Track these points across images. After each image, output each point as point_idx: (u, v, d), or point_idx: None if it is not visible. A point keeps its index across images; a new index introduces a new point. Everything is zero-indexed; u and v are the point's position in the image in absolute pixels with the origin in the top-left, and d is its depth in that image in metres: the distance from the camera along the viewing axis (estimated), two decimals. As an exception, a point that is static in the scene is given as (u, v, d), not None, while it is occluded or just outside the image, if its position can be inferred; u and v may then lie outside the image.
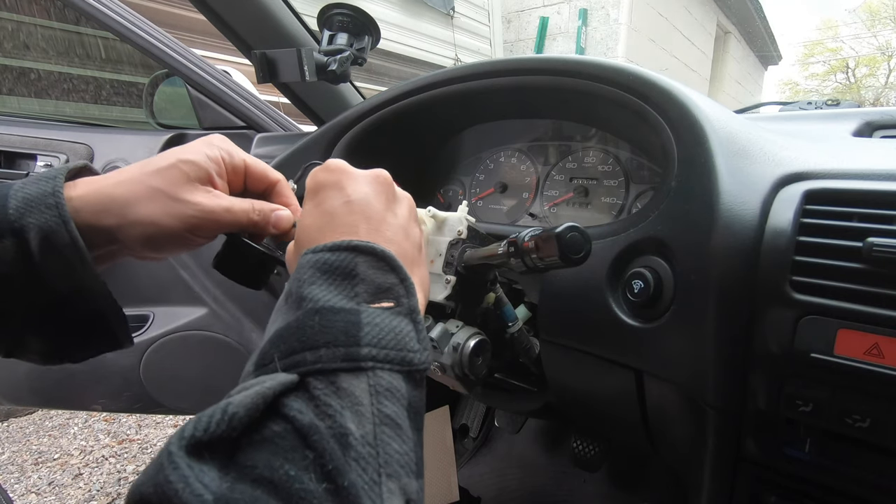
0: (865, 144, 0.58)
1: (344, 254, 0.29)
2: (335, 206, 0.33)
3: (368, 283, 0.29)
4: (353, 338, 0.26)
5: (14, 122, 1.10)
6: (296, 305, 0.28)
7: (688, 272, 0.46)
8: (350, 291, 0.28)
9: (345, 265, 0.29)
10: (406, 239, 0.35)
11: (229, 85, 1.06)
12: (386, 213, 0.34)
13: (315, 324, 0.26)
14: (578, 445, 0.91)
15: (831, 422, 0.39)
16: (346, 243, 0.30)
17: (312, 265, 0.29)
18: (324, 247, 0.30)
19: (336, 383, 0.24)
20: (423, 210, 0.50)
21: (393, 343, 0.27)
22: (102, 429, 2.02)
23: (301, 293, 0.28)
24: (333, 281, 0.28)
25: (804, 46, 16.49)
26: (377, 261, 0.30)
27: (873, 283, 0.37)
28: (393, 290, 0.29)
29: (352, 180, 0.34)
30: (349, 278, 0.28)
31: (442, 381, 0.51)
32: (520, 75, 0.68)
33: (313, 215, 0.34)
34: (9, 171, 1.05)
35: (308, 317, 0.27)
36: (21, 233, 0.31)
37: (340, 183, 0.34)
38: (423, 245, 0.39)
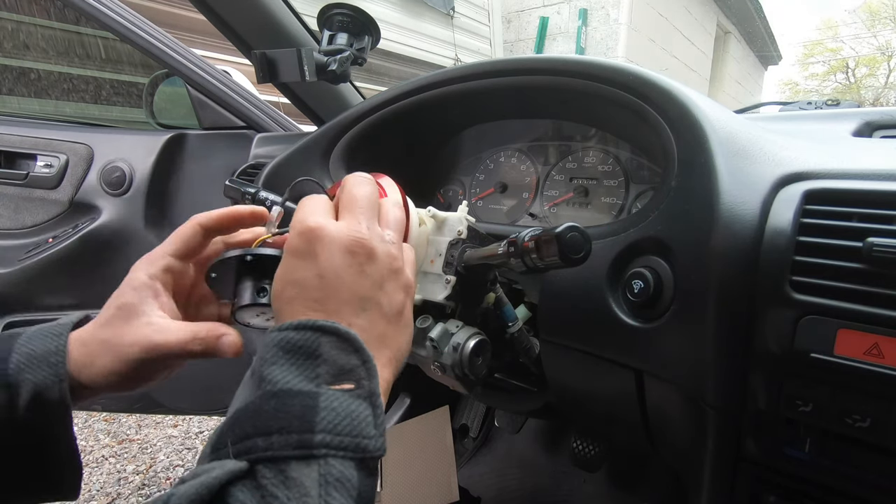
0: (865, 144, 0.58)
1: (308, 333, 0.29)
2: (306, 277, 0.32)
3: (331, 363, 0.28)
4: (308, 423, 0.26)
5: (14, 122, 1.10)
6: (256, 386, 0.28)
7: (688, 272, 0.46)
8: (311, 372, 0.28)
9: (308, 345, 0.29)
10: (378, 311, 0.34)
11: (229, 85, 1.06)
12: (358, 287, 0.33)
13: (270, 408, 0.26)
14: (578, 445, 0.91)
15: (831, 422, 0.39)
16: (311, 323, 0.29)
17: (276, 344, 0.29)
18: (289, 325, 0.30)
19: (285, 472, 0.24)
20: (423, 210, 0.50)
21: (348, 429, 0.26)
22: (102, 429, 2.02)
23: (262, 373, 0.28)
24: (295, 361, 0.28)
25: (804, 46, 16.50)
26: (341, 342, 0.29)
27: (873, 283, 0.37)
28: (354, 372, 0.29)
29: (325, 249, 0.33)
30: (311, 358, 0.28)
31: (442, 381, 0.51)
32: (520, 75, 0.68)
33: (283, 282, 0.33)
34: (9, 171, 1.05)
35: (265, 400, 0.27)
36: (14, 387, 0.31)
37: (314, 252, 0.33)
38: (405, 304, 0.36)
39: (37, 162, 1.05)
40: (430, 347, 0.47)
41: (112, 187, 1.04)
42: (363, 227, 0.34)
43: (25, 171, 1.05)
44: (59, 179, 1.05)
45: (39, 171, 1.05)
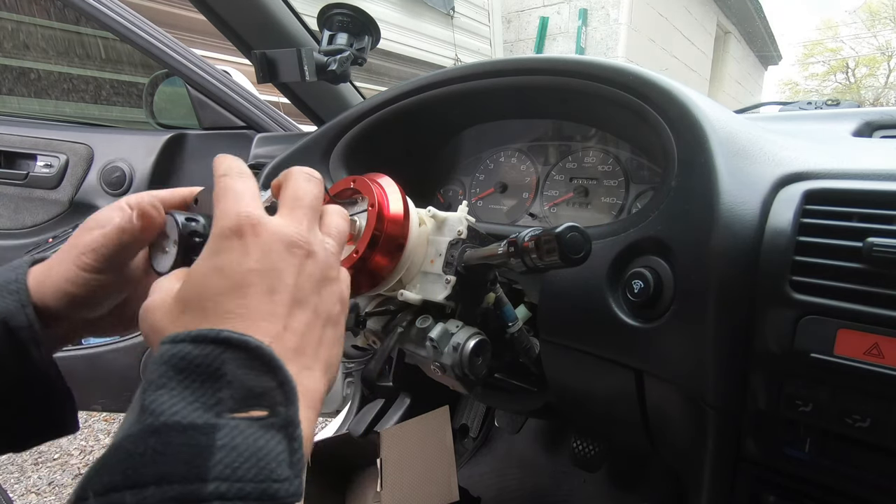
0: (865, 144, 0.58)
1: (209, 348, 0.23)
2: (239, 269, 0.27)
3: (236, 386, 0.23)
4: (198, 469, 0.20)
5: (14, 122, 1.10)
6: (136, 416, 0.22)
7: (688, 272, 0.46)
8: (210, 398, 0.22)
9: (208, 363, 0.23)
10: (314, 314, 0.29)
11: (229, 85, 1.06)
12: (296, 285, 0.28)
13: (149, 448, 0.20)
14: (578, 445, 0.91)
15: (831, 422, 0.39)
16: (214, 334, 0.23)
17: (167, 361, 0.23)
18: (186, 336, 0.23)
19: None
20: (423, 210, 0.50)
21: (253, 473, 0.21)
22: (102, 429, 2.02)
23: (143, 401, 0.22)
24: (190, 384, 0.22)
25: (804, 46, 16.48)
26: (250, 359, 0.24)
27: (873, 283, 0.37)
28: (266, 396, 0.23)
29: (262, 241, 0.28)
30: (211, 380, 0.23)
31: (442, 381, 0.51)
32: (520, 75, 0.68)
33: (209, 272, 0.27)
34: (9, 171, 1.05)
35: (142, 438, 0.21)
36: None
37: (247, 244, 0.28)
38: (340, 316, 0.32)
39: (37, 162, 1.05)
40: (430, 347, 0.47)
41: (112, 187, 1.04)
42: (304, 227, 0.31)
43: (25, 171, 1.05)
44: (59, 179, 1.05)
45: (39, 171, 1.05)
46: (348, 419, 1.21)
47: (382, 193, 0.45)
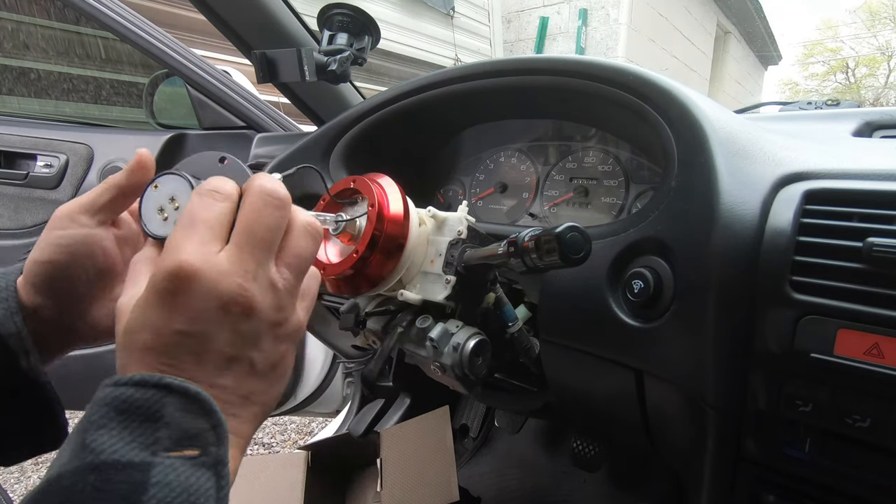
0: (865, 144, 0.58)
1: (150, 392, 0.25)
2: (165, 326, 0.27)
3: (173, 427, 0.24)
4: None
5: (14, 122, 1.10)
6: (76, 452, 0.23)
7: (688, 272, 0.46)
8: (148, 437, 0.24)
9: (149, 405, 0.24)
10: (247, 369, 0.29)
11: (229, 85, 1.06)
12: (226, 346, 0.28)
13: (88, 485, 0.22)
14: (578, 445, 0.91)
15: (831, 422, 0.39)
16: (156, 380, 0.25)
17: (108, 403, 0.24)
18: (128, 379, 0.25)
19: None
20: (423, 210, 0.50)
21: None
22: (102, 429, 2.02)
23: (83, 440, 0.23)
24: (129, 424, 0.24)
25: (804, 46, 16.49)
26: (189, 403, 0.25)
27: (873, 283, 0.37)
28: (200, 437, 0.25)
29: (195, 300, 0.27)
30: (150, 421, 0.24)
31: (442, 381, 0.51)
32: (520, 75, 0.68)
33: (139, 324, 0.27)
34: (9, 171, 1.05)
35: (82, 474, 0.22)
36: None
37: (179, 302, 0.27)
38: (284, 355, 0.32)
39: (37, 162, 1.05)
40: (430, 347, 0.47)
41: (112, 187, 1.04)
42: (249, 273, 0.29)
43: (25, 171, 1.05)
44: (59, 179, 1.05)
45: (39, 171, 1.05)
46: (348, 419, 1.21)
47: (382, 193, 0.45)
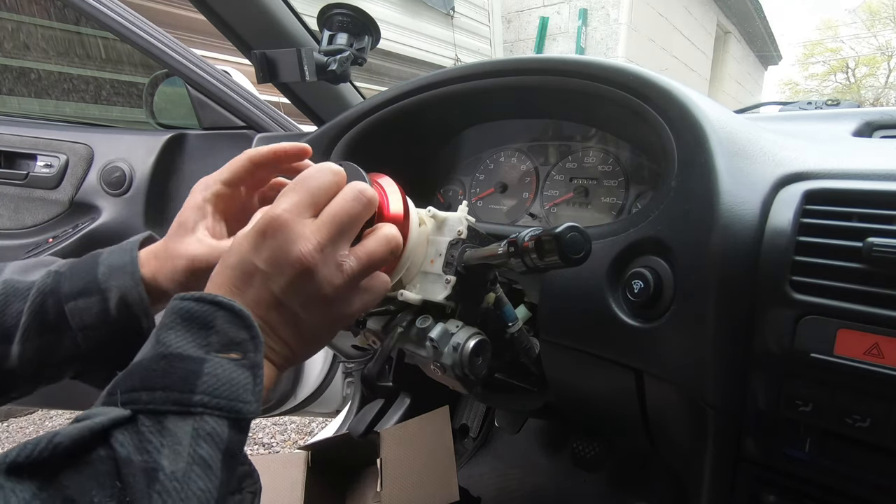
0: (865, 144, 0.58)
1: (206, 306, 0.32)
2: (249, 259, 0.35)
3: (222, 335, 0.31)
4: (190, 385, 0.29)
5: (14, 122, 1.10)
6: (151, 345, 0.31)
7: (688, 272, 0.46)
8: (203, 340, 0.31)
9: (204, 317, 0.31)
10: (293, 325, 0.36)
11: (229, 85, 1.06)
12: (283, 294, 0.35)
13: (159, 367, 0.29)
14: (578, 445, 0.91)
15: (831, 422, 0.39)
16: (211, 298, 0.32)
17: (177, 312, 0.31)
18: (191, 296, 0.32)
19: (163, 423, 0.27)
20: (423, 210, 0.50)
21: (227, 393, 0.30)
22: (102, 429, 2.02)
23: (158, 335, 0.31)
24: (190, 328, 0.31)
25: (804, 46, 16.49)
26: (234, 317, 0.32)
27: (873, 283, 0.37)
28: (242, 345, 0.32)
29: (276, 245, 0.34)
30: (205, 328, 0.31)
31: (442, 381, 0.51)
32: (520, 75, 0.68)
33: (237, 247, 0.36)
34: (9, 171, 1.05)
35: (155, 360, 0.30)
36: (105, 293, 0.41)
37: (265, 244, 0.35)
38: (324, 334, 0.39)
39: (37, 162, 1.05)
40: (430, 347, 0.47)
41: (112, 187, 1.04)
42: (320, 244, 0.35)
43: (25, 171, 1.05)
44: (59, 179, 1.05)
45: (39, 171, 1.05)
46: (348, 419, 1.21)
47: (382, 193, 0.45)
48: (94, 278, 0.41)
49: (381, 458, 0.91)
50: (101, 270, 0.41)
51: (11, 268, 0.43)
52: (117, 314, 0.41)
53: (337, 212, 0.36)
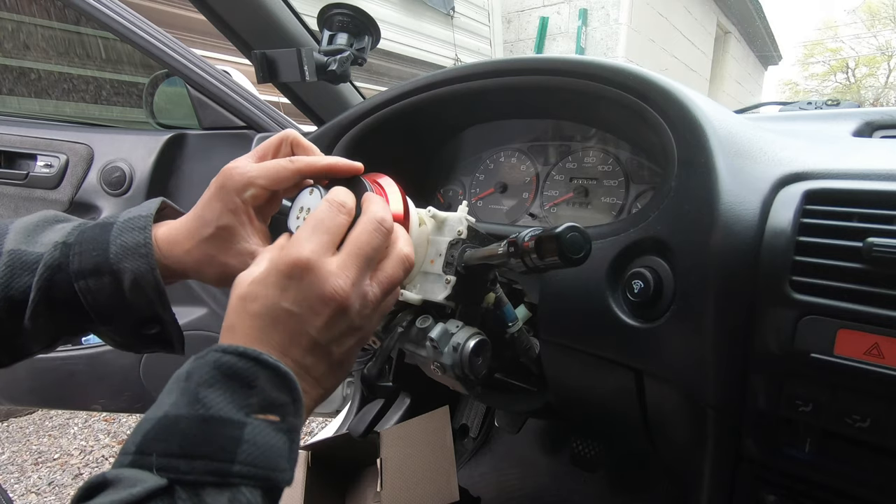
0: (865, 144, 0.58)
1: (249, 363, 0.30)
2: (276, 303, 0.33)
3: (263, 396, 0.30)
4: (230, 454, 0.28)
5: (14, 122, 1.10)
6: (189, 402, 0.29)
7: (688, 272, 0.46)
8: (243, 401, 0.30)
9: (246, 375, 0.30)
10: (326, 359, 0.35)
11: (229, 85, 1.06)
12: (318, 335, 0.34)
13: (200, 432, 0.28)
14: (578, 445, 0.91)
15: (831, 422, 0.39)
16: (255, 354, 0.31)
17: (218, 367, 0.30)
18: (234, 350, 0.31)
19: (200, 495, 0.26)
20: (423, 210, 0.50)
21: (264, 462, 0.29)
22: (102, 429, 2.02)
23: (197, 393, 0.29)
24: (231, 386, 0.30)
25: (804, 46, 16.49)
26: (277, 378, 0.31)
27: (873, 283, 0.37)
28: (283, 408, 0.31)
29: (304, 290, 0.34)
30: (246, 387, 0.30)
31: (442, 381, 0.51)
32: (520, 75, 0.68)
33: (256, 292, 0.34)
34: (9, 171, 1.05)
35: (195, 423, 0.28)
36: (117, 274, 0.39)
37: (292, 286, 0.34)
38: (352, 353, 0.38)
39: (37, 162, 1.05)
40: (430, 347, 0.47)
41: (112, 187, 1.04)
42: (350, 279, 0.35)
43: (25, 171, 1.05)
44: (59, 179, 1.05)
45: (39, 171, 1.05)
46: (348, 419, 1.21)
47: (382, 193, 0.45)
48: (105, 258, 0.39)
49: (381, 458, 0.91)
50: (113, 250, 0.39)
51: (16, 231, 0.40)
52: (131, 296, 0.39)
53: (361, 245, 0.36)
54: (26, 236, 0.40)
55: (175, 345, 0.44)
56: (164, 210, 0.45)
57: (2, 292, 0.38)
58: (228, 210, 0.41)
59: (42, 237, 0.41)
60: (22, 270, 0.39)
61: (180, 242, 0.42)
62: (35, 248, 0.40)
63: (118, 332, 0.42)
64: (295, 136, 0.46)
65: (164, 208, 0.45)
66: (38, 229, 0.41)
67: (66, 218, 0.44)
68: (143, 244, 0.39)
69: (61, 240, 0.40)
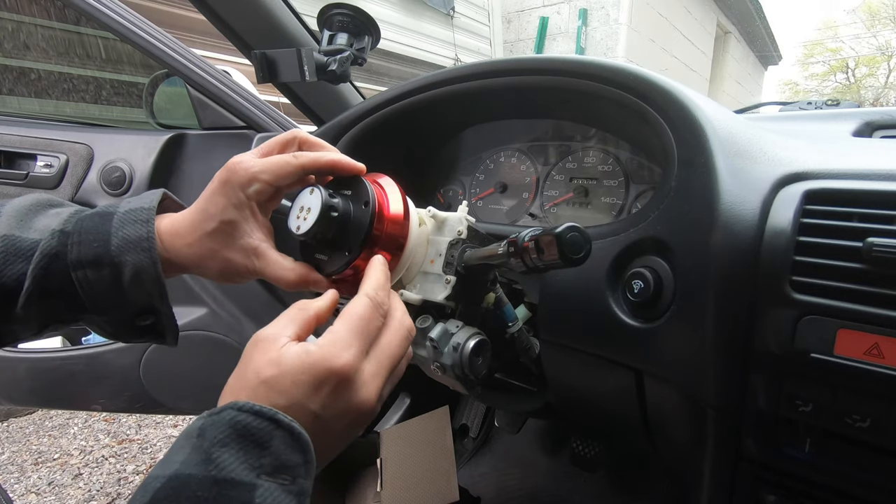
0: (865, 144, 0.58)
1: (265, 423, 0.30)
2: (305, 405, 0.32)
3: (275, 457, 0.30)
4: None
5: (14, 122, 1.10)
6: (202, 462, 0.29)
7: (688, 272, 0.46)
8: (256, 461, 0.29)
9: (261, 435, 0.30)
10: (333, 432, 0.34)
11: (229, 85, 1.06)
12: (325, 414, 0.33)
13: (210, 496, 0.27)
14: (578, 445, 0.91)
15: (831, 422, 0.39)
16: (272, 414, 0.30)
17: (234, 426, 0.30)
18: (250, 408, 0.30)
19: None
20: (423, 210, 0.50)
21: None
22: (102, 429, 2.02)
23: (210, 453, 0.29)
24: (244, 446, 0.29)
25: (804, 46, 16.49)
26: (292, 440, 0.31)
27: (873, 283, 0.37)
28: (294, 469, 0.30)
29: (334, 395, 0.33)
30: (260, 448, 0.29)
31: (442, 381, 0.51)
32: (520, 75, 0.68)
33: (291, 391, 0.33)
34: (9, 171, 1.05)
35: (207, 485, 0.28)
36: (118, 266, 0.38)
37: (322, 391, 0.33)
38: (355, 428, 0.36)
39: (37, 162, 1.05)
40: (430, 347, 0.47)
41: (112, 187, 1.04)
42: (378, 389, 0.35)
43: (25, 171, 1.05)
44: (59, 179, 1.05)
45: (39, 171, 1.05)
46: (348, 419, 1.21)
47: (382, 193, 0.45)
48: (106, 250, 0.38)
49: (381, 458, 0.91)
50: (115, 242, 0.38)
51: (9, 215, 0.39)
52: (130, 288, 0.39)
53: (392, 355, 0.37)
54: (19, 221, 0.39)
55: (167, 337, 0.43)
56: (165, 202, 0.45)
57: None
58: (232, 205, 0.41)
59: (36, 222, 0.40)
60: (15, 257, 0.38)
61: (182, 236, 0.41)
62: (29, 234, 0.39)
63: (111, 323, 0.41)
64: (303, 135, 0.46)
65: (165, 199, 0.45)
66: (31, 214, 0.40)
67: (60, 202, 0.43)
68: (145, 238, 0.39)
69: (58, 227, 0.39)
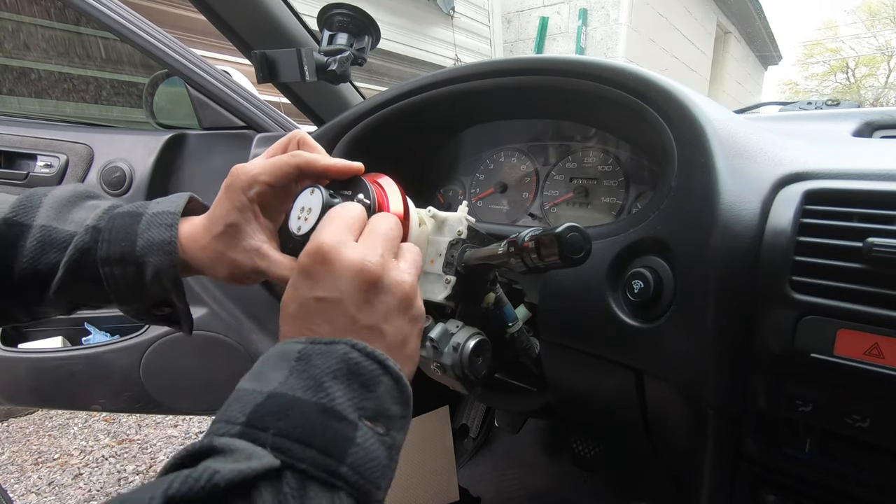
0: (865, 144, 0.58)
1: (375, 366, 0.30)
2: (307, 297, 0.33)
3: (377, 403, 0.30)
4: (341, 454, 0.27)
5: (14, 122, 1.10)
6: (311, 388, 0.29)
7: (688, 272, 0.46)
8: (360, 402, 0.29)
9: (369, 378, 0.30)
10: (381, 342, 0.34)
11: (229, 85, 1.06)
12: (360, 315, 0.33)
13: (320, 423, 0.27)
14: (578, 445, 0.91)
15: (831, 422, 0.39)
16: (383, 358, 0.31)
17: (345, 360, 0.30)
18: (363, 348, 0.30)
19: (306, 489, 0.26)
20: (423, 210, 0.50)
21: (367, 472, 0.28)
22: (102, 429, 2.02)
23: (322, 382, 0.29)
24: (352, 384, 0.29)
25: (804, 46, 16.49)
26: (397, 390, 0.31)
27: (873, 283, 0.37)
28: (392, 421, 0.31)
29: (330, 273, 0.33)
30: (366, 390, 0.30)
31: (442, 381, 0.51)
32: (520, 75, 0.68)
33: (288, 297, 0.34)
34: (9, 171, 1.05)
35: (317, 412, 0.28)
36: (141, 266, 0.41)
37: (317, 273, 0.33)
38: (410, 335, 0.36)
39: (37, 162, 1.05)
40: (430, 347, 0.47)
41: (112, 187, 1.04)
42: (378, 254, 0.34)
43: (25, 171, 1.05)
44: (60, 179, 1.05)
45: (39, 171, 1.05)
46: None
47: (382, 193, 0.45)
48: (132, 250, 0.41)
49: (381, 458, 0.91)
50: (140, 243, 0.41)
51: (49, 206, 0.42)
52: (151, 285, 0.42)
53: (384, 230, 0.37)
54: (58, 212, 0.42)
55: (183, 325, 0.47)
56: (190, 204, 0.47)
57: (31, 266, 0.40)
58: (235, 208, 0.43)
59: (73, 214, 0.43)
60: (51, 247, 0.41)
61: (197, 240, 0.43)
62: (66, 225, 0.42)
63: (132, 311, 0.45)
64: (302, 135, 0.47)
65: (191, 202, 0.47)
66: (70, 205, 0.43)
67: (97, 195, 0.46)
68: (168, 241, 0.41)
69: (92, 223, 0.41)
